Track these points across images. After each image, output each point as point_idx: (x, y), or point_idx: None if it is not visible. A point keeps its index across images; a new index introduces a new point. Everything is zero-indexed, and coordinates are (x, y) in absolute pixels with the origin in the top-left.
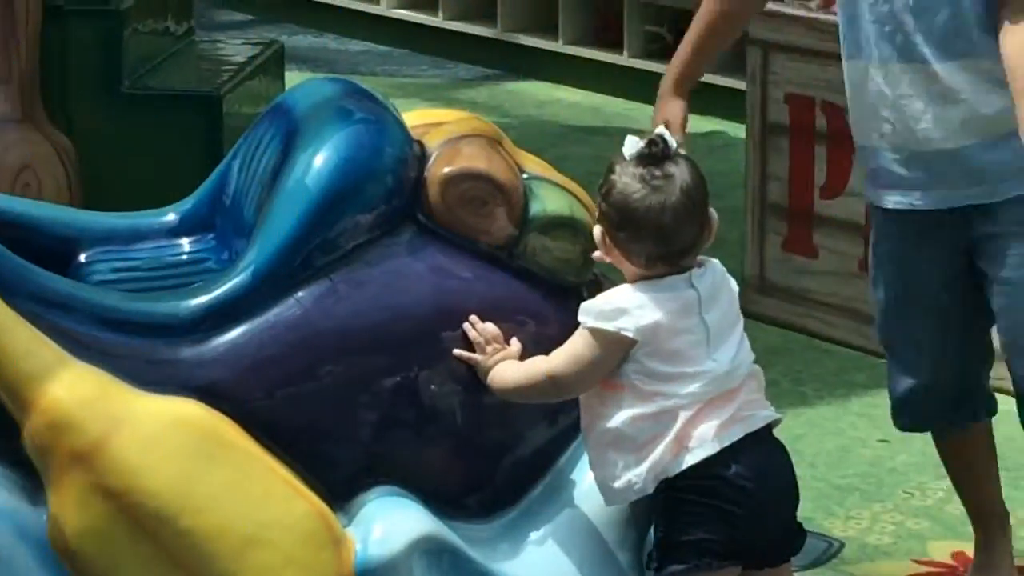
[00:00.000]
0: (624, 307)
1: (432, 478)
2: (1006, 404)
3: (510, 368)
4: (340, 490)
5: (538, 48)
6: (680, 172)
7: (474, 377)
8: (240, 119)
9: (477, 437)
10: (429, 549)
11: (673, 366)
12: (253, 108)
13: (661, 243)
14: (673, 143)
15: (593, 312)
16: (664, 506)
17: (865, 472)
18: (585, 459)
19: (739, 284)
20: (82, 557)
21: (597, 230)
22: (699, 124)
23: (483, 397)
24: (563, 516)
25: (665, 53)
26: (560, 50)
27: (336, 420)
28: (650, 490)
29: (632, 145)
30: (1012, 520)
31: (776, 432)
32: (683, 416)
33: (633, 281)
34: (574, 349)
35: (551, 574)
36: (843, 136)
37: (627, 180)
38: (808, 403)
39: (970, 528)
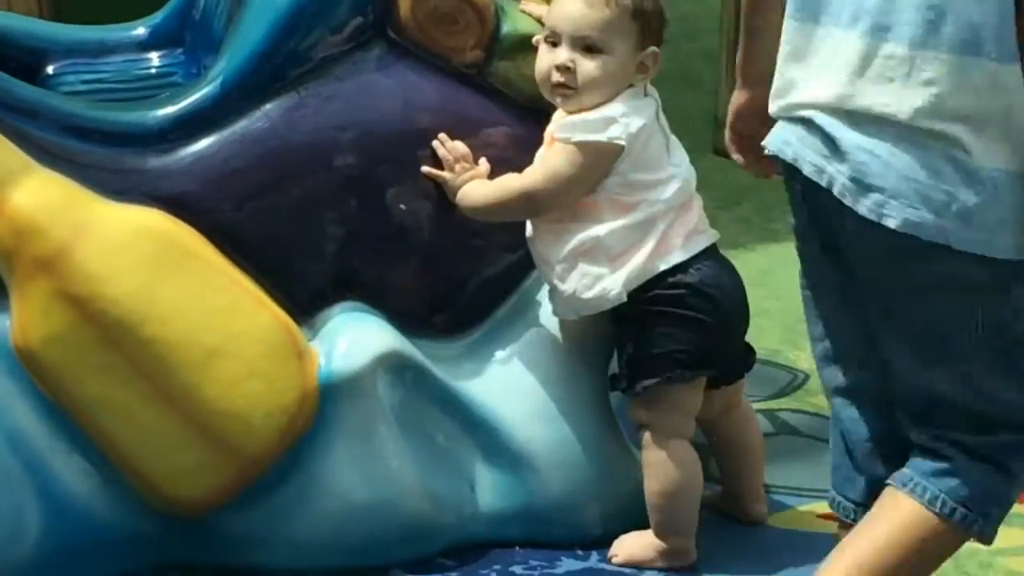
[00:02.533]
0: (612, 115)
1: (398, 296)
2: None
3: (480, 186)
4: (305, 305)
5: None
6: None
7: (442, 196)
8: None
9: (443, 256)
10: (393, 365)
11: (650, 173)
12: None
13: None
14: None
15: (579, 126)
16: (633, 322)
17: None
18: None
19: (712, 124)
20: (45, 363)
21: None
22: None
23: (450, 217)
24: (528, 336)
25: None
26: None
27: (302, 234)
28: (624, 298)
29: None
30: None
31: (745, 267)
32: (661, 224)
33: (612, 97)
34: (554, 166)
35: (515, 392)
36: None
37: None
38: (777, 240)
39: None
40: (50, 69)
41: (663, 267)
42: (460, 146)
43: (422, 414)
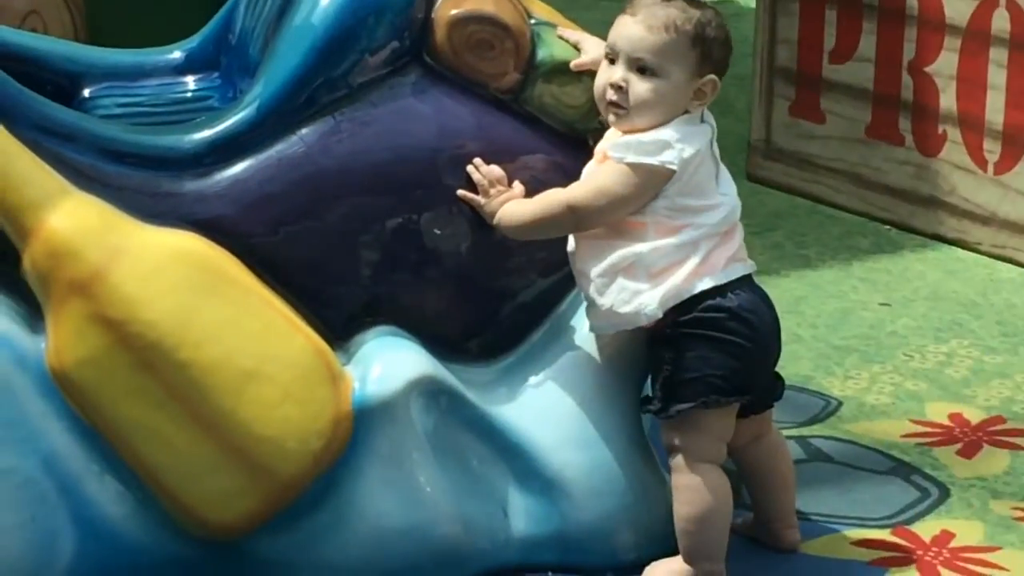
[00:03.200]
0: (667, 140)
1: (432, 320)
2: (1010, 272)
3: (520, 204)
4: (340, 329)
5: None
6: None
7: (477, 220)
8: None
9: (478, 281)
10: (427, 390)
11: (698, 199)
12: None
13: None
14: None
15: (632, 147)
16: (670, 344)
17: (865, 334)
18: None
19: (745, 149)
20: (80, 386)
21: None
22: None
23: (485, 241)
24: (563, 361)
25: None
26: None
27: (337, 259)
28: (660, 315)
29: None
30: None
31: (779, 293)
32: (705, 247)
33: (665, 121)
34: (603, 183)
35: (549, 417)
36: (854, 0)
37: (677, 11)
38: (811, 266)
39: (968, 391)
40: (86, 92)
41: (701, 288)
42: (496, 170)
43: (456, 439)
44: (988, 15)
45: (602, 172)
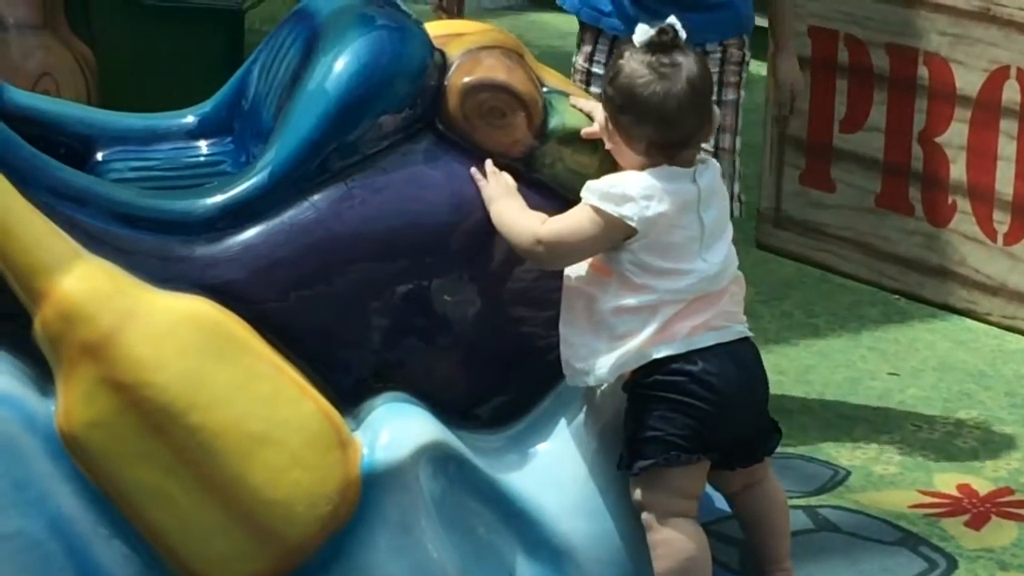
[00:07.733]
0: (630, 194)
1: (442, 386)
2: (1019, 343)
3: (509, 212)
4: (349, 394)
5: None
6: (687, 62)
7: (487, 287)
8: (261, 35)
9: (488, 348)
10: (436, 456)
11: (667, 261)
12: (275, 24)
13: (663, 130)
14: (683, 34)
15: (598, 192)
16: (631, 404)
17: (874, 404)
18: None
19: (755, 217)
20: (89, 449)
21: (600, 114)
22: None
23: (496, 308)
24: (571, 429)
25: None
26: None
27: (347, 324)
28: (610, 379)
29: (643, 32)
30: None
31: (787, 363)
32: (664, 313)
33: (633, 168)
34: (571, 222)
35: (556, 485)
36: (865, 70)
37: (635, 65)
38: (820, 335)
39: (976, 462)
40: (100, 156)
41: (656, 356)
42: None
43: (464, 506)
44: (999, 86)
45: (573, 210)
